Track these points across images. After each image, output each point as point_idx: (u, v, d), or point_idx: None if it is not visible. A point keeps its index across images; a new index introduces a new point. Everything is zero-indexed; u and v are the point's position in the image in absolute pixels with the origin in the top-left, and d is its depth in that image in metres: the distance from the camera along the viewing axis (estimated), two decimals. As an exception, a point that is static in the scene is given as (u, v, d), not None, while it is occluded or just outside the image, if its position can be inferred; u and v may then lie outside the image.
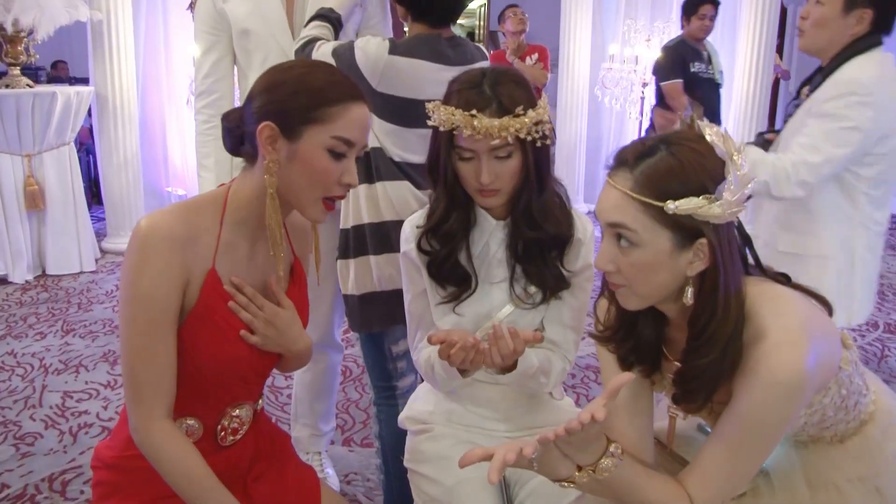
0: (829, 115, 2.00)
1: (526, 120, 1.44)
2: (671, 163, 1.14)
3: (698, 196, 1.12)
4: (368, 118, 1.33)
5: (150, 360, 1.26)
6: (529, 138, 1.45)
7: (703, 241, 1.15)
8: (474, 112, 1.43)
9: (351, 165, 1.31)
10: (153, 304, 1.25)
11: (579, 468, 1.14)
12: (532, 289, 1.58)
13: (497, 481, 1.05)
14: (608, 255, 1.19)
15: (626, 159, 1.18)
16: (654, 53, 5.97)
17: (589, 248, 1.60)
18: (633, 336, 1.32)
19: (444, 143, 1.50)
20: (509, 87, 1.47)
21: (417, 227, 1.61)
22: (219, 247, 1.32)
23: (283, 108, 1.26)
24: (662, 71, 4.67)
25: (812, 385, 1.17)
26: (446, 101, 1.49)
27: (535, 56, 5.72)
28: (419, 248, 1.60)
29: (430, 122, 1.50)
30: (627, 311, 1.30)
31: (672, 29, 6.19)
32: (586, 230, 1.60)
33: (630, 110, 6.54)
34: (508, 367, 1.50)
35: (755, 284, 1.23)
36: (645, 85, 6.24)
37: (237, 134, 1.34)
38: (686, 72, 4.47)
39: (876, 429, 1.36)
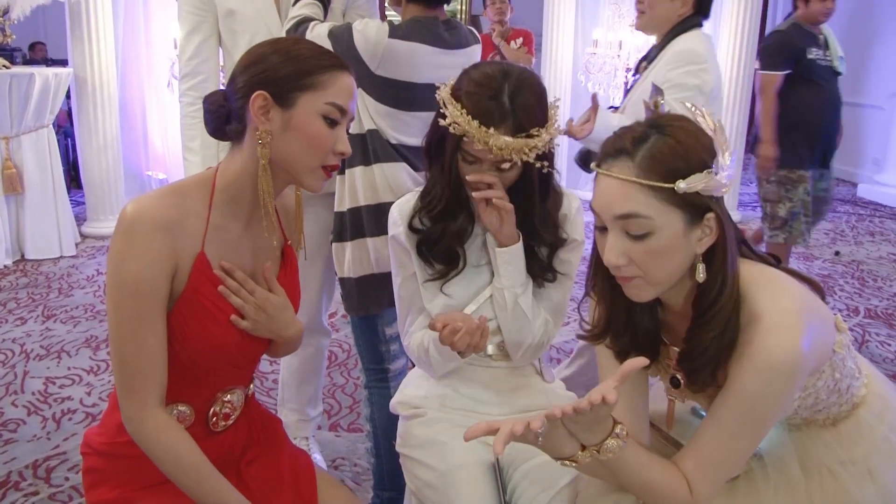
0: (677, 85, 2.34)
1: (538, 142, 1.44)
2: (670, 143, 1.15)
3: (702, 171, 1.14)
4: (354, 87, 1.33)
5: (140, 348, 1.24)
6: (538, 165, 1.46)
7: (711, 215, 1.16)
8: (491, 130, 1.42)
9: (343, 134, 1.31)
10: (140, 290, 1.22)
11: (583, 448, 1.14)
12: None
13: (502, 452, 1.04)
14: (619, 249, 1.17)
15: (623, 148, 1.17)
16: (637, 39, 5.97)
17: (574, 223, 1.62)
18: (629, 329, 1.32)
19: (451, 144, 1.49)
20: (528, 101, 1.45)
21: (407, 215, 1.61)
22: (208, 230, 1.30)
23: (274, 76, 1.26)
24: (766, 58, 4.01)
25: (807, 368, 1.18)
26: (458, 95, 1.47)
27: (520, 40, 5.71)
28: (410, 227, 1.60)
29: (442, 123, 1.48)
30: (617, 308, 1.30)
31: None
32: (571, 206, 1.63)
33: (613, 95, 6.53)
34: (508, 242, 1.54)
35: (748, 265, 1.24)
36: (628, 70, 6.23)
37: (221, 114, 1.31)
38: (801, 60, 3.81)
39: (868, 412, 1.37)
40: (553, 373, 1.79)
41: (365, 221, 2.04)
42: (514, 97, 1.44)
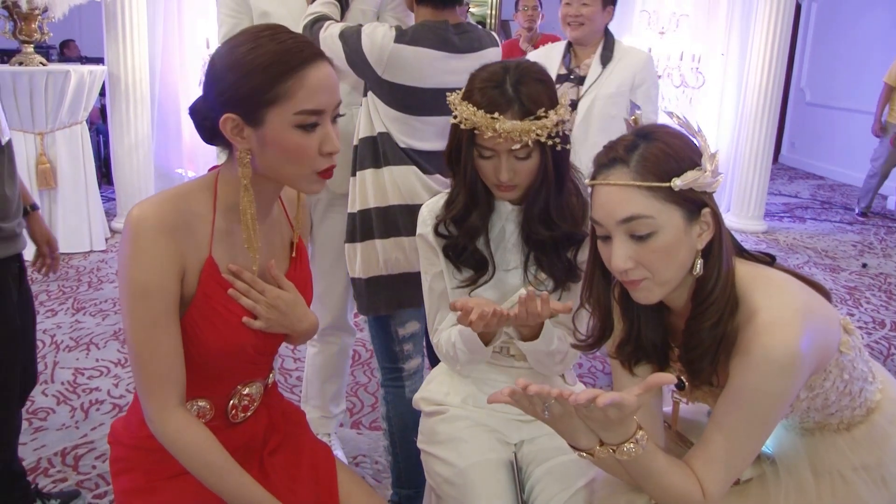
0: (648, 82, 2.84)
1: (547, 123, 1.46)
2: (660, 147, 1.20)
3: (693, 169, 1.19)
4: (332, 76, 1.25)
5: (156, 351, 1.25)
6: (550, 143, 1.47)
7: (707, 210, 1.21)
8: (496, 115, 1.44)
9: (328, 132, 1.24)
10: (149, 293, 1.23)
11: (601, 443, 1.16)
12: (543, 275, 1.60)
13: (503, 399, 1.09)
14: (625, 253, 1.20)
15: (617, 157, 1.21)
16: (667, 46, 5.95)
17: None
18: (632, 337, 1.35)
19: (465, 141, 1.51)
20: (532, 87, 1.48)
21: (435, 215, 1.63)
22: (214, 234, 1.30)
23: (236, 96, 1.20)
24: None
25: (807, 365, 1.19)
26: (467, 96, 1.50)
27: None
28: (436, 232, 1.62)
29: (452, 120, 1.51)
30: (610, 321, 1.34)
31: (687, 21, 6.14)
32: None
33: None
34: (531, 337, 1.53)
35: (745, 265, 1.27)
36: (658, 77, 6.21)
37: (206, 127, 1.28)
38: None
39: (883, 417, 1.38)
40: (574, 376, 1.80)
41: (374, 223, 2.06)
42: (517, 85, 1.47)
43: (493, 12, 10.06)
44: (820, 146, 9.46)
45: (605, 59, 2.85)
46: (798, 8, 7.31)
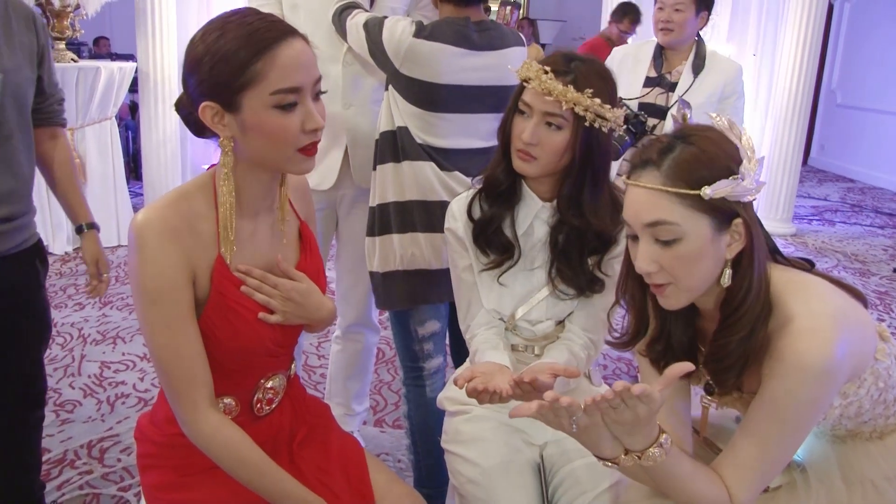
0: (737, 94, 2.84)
1: (589, 103, 1.47)
2: (694, 152, 1.17)
3: (727, 178, 1.16)
4: (305, 52, 1.22)
5: (177, 354, 1.25)
6: (585, 121, 1.48)
7: (739, 220, 1.18)
8: (551, 75, 1.47)
9: (309, 108, 1.22)
10: (162, 296, 1.23)
11: (626, 452, 1.15)
12: (563, 286, 1.60)
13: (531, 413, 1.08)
14: (649, 256, 1.20)
15: (650, 159, 1.20)
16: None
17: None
18: (663, 337, 1.33)
19: (514, 97, 1.55)
20: (593, 76, 1.50)
21: (467, 200, 1.65)
22: (219, 232, 1.29)
23: (210, 84, 1.19)
24: None
25: (842, 372, 1.17)
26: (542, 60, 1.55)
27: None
28: (469, 214, 1.63)
29: (511, 68, 1.57)
30: (648, 316, 1.32)
31: (719, 22, 6.09)
32: None
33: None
34: None
35: (781, 271, 1.25)
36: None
37: (192, 120, 1.28)
38: None
39: None
40: (600, 377, 1.79)
41: (392, 218, 2.06)
42: (580, 65, 1.51)
43: (520, 12, 10.04)
44: (850, 148, 9.33)
45: (697, 67, 2.77)
46: (830, 9, 7.21)
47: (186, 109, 1.28)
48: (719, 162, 1.17)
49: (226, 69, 1.18)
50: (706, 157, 1.17)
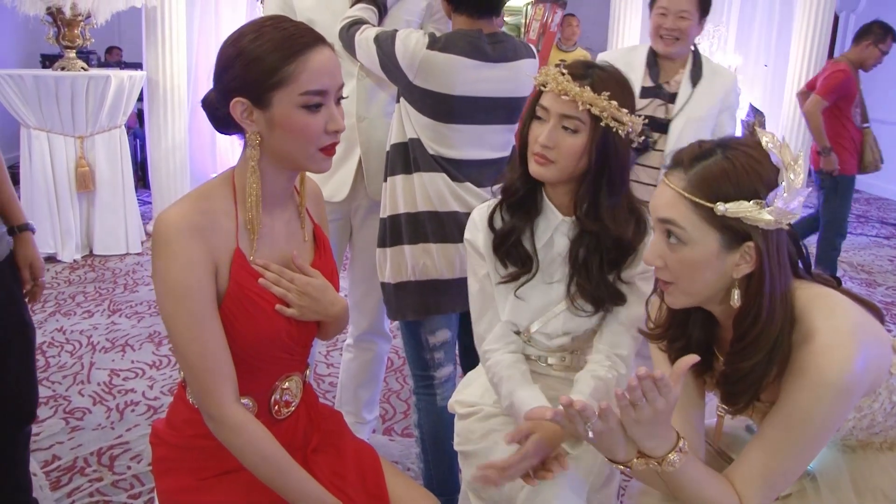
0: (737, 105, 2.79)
1: (605, 103, 1.47)
2: (725, 166, 1.17)
3: (749, 200, 1.15)
4: (333, 59, 1.31)
5: (203, 350, 1.28)
6: (602, 123, 1.48)
7: (751, 244, 1.18)
8: (568, 77, 1.48)
9: (332, 112, 1.31)
10: (188, 293, 1.26)
11: (639, 455, 1.16)
12: (581, 301, 1.60)
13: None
14: (657, 250, 1.23)
15: (682, 160, 1.21)
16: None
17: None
18: (684, 336, 1.34)
19: (531, 102, 1.56)
20: (611, 81, 1.51)
21: (487, 212, 1.66)
22: (239, 227, 1.34)
23: (244, 81, 1.26)
24: None
25: (861, 388, 1.18)
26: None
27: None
28: (490, 225, 1.64)
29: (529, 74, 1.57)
30: (679, 312, 1.32)
31: (725, 33, 6.10)
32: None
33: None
34: None
35: (806, 288, 1.24)
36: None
37: (219, 116, 1.34)
38: None
39: None
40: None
41: (403, 229, 2.07)
42: (600, 71, 1.52)
43: (526, 21, 10.05)
44: (856, 159, 9.31)
45: (695, 77, 2.62)
46: (836, 19, 7.22)
47: (214, 105, 1.34)
48: (747, 182, 1.16)
49: (260, 68, 1.25)
50: (735, 174, 1.16)
